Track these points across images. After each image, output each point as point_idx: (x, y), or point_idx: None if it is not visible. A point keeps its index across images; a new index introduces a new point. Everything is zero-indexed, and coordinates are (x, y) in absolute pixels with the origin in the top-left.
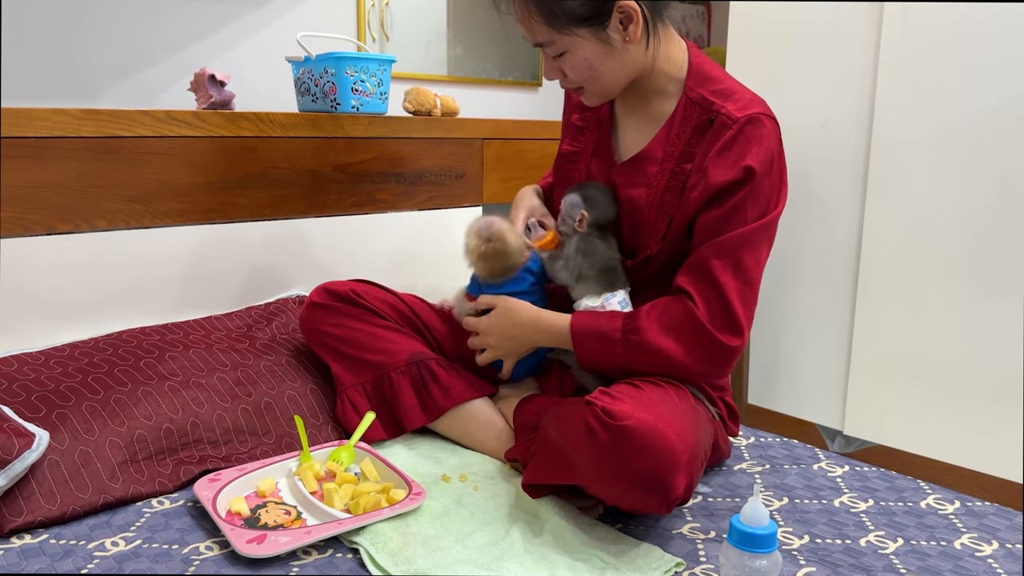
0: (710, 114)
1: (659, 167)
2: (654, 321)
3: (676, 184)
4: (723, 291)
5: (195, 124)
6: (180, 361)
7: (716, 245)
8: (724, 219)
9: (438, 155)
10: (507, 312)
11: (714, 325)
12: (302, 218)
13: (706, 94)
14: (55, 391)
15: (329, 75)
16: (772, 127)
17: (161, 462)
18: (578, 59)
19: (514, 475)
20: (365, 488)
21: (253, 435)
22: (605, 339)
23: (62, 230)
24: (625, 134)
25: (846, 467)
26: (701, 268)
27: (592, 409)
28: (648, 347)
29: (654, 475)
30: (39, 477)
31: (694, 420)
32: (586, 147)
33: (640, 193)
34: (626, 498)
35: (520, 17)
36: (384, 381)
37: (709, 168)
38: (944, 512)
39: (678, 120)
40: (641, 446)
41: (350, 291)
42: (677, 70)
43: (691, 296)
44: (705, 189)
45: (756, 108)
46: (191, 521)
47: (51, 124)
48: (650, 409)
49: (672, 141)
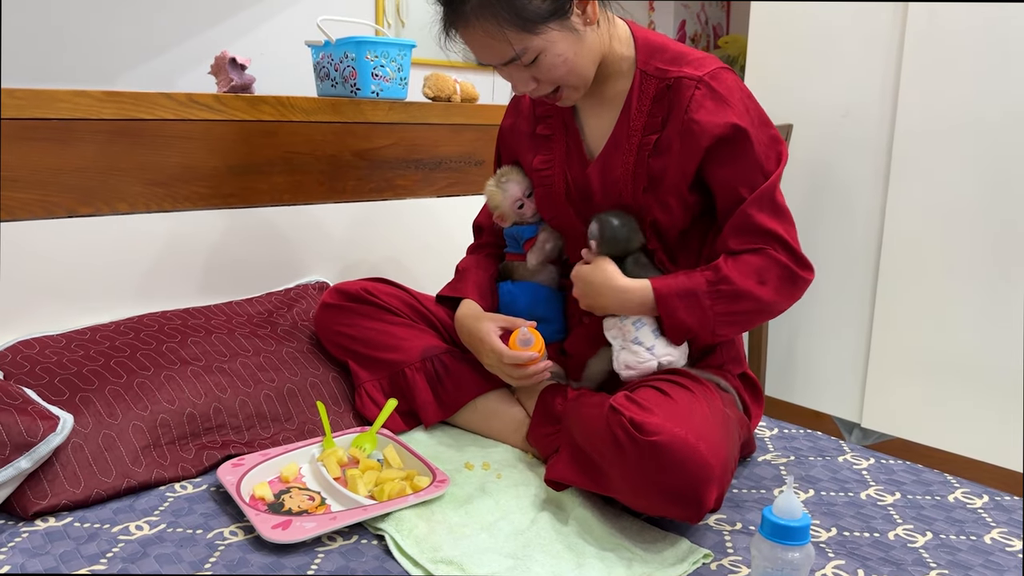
0: (667, 82)
1: (626, 144)
2: (739, 271)
3: (644, 157)
4: (779, 236)
5: (216, 108)
6: (202, 346)
7: (754, 202)
8: (743, 173)
9: (457, 142)
10: (594, 270)
11: (795, 264)
12: (321, 204)
13: (659, 64)
14: (78, 374)
15: (349, 60)
16: (733, 76)
17: (184, 447)
18: (552, 57)
19: (537, 464)
20: (389, 475)
21: (276, 421)
22: (693, 295)
23: (83, 213)
24: (589, 125)
25: (871, 460)
26: (749, 225)
27: (619, 419)
28: (741, 293)
29: (686, 490)
30: (63, 460)
31: (724, 428)
32: (558, 154)
33: (616, 175)
34: (655, 509)
35: (486, 36)
36: (399, 378)
37: (693, 127)
38: (973, 506)
39: (635, 96)
40: (672, 462)
41: (361, 290)
42: (626, 48)
43: (755, 249)
44: (698, 144)
45: (712, 64)
46: (215, 506)
47: (72, 106)
48: (681, 421)
49: (634, 117)
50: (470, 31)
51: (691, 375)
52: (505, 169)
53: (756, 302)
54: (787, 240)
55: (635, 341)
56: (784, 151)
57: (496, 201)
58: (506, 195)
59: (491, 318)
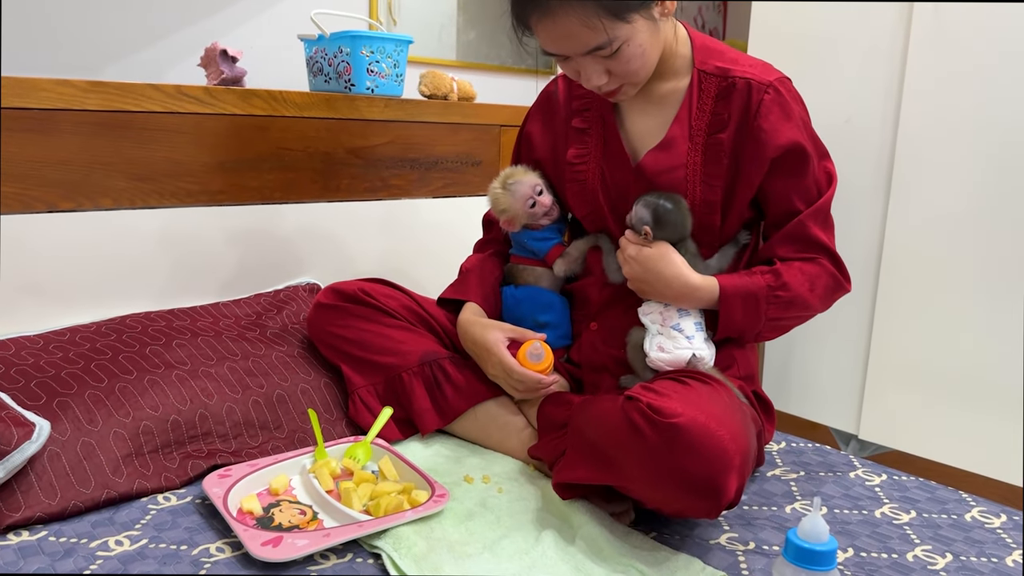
0: (729, 81)
1: (690, 144)
2: (796, 277)
3: (714, 155)
4: (830, 249)
5: (206, 100)
6: (188, 349)
7: (811, 215)
8: (800, 187)
9: (454, 141)
10: (660, 258)
11: (841, 275)
12: (314, 202)
13: (719, 63)
14: (56, 378)
15: (344, 55)
16: (794, 87)
17: (168, 456)
18: (634, 47)
19: (539, 476)
20: (385, 488)
21: (264, 429)
22: (753, 298)
23: (64, 208)
24: (634, 123)
25: (884, 476)
26: (804, 236)
27: (636, 405)
28: (795, 300)
29: (706, 477)
30: (38, 470)
31: (743, 419)
32: (594, 148)
33: (679, 175)
34: (673, 502)
35: (578, 23)
36: (396, 383)
37: (760, 134)
38: (991, 526)
39: (695, 94)
40: (692, 445)
41: (358, 290)
42: (684, 46)
43: (807, 258)
44: (764, 154)
45: (775, 70)
46: (200, 520)
47: (55, 96)
48: (700, 407)
49: (696, 116)
50: (556, 17)
51: (709, 375)
52: (509, 170)
53: (804, 308)
54: (836, 253)
55: (675, 327)
56: (832, 168)
57: (503, 204)
58: (516, 196)
59: (499, 327)
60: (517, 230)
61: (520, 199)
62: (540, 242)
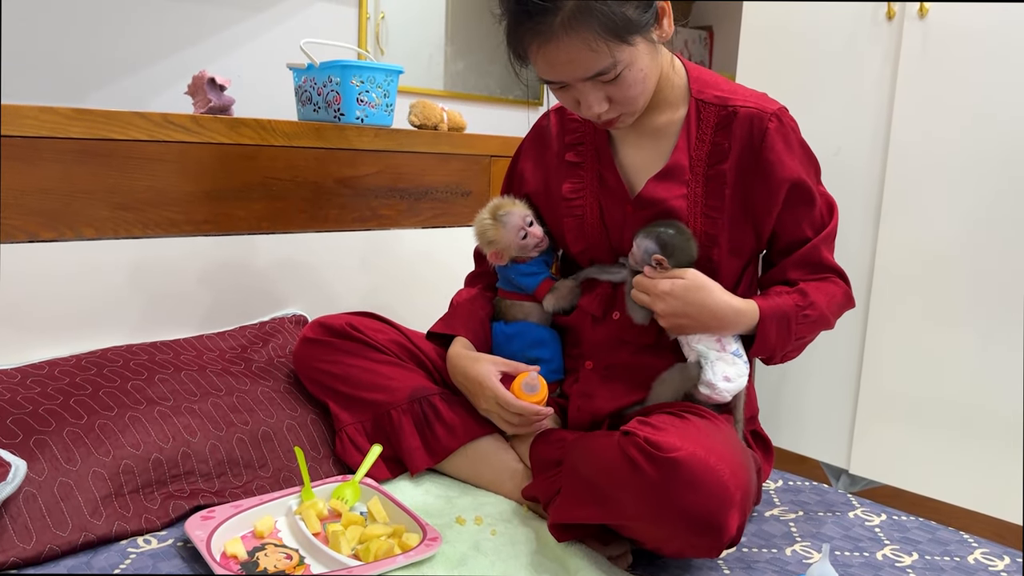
0: (729, 110)
1: (691, 174)
2: (821, 296)
3: (716, 187)
4: (840, 270)
5: (193, 129)
6: (170, 384)
7: (822, 240)
8: (809, 216)
9: (444, 171)
10: (700, 288)
11: (851, 294)
12: (301, 232)
13: (716, 92)
14: (33, 414)
15: (334, 84)
16: (791, 116)
17: (149, 496)
18: (636, 71)
19: (533, 517)
20: (374, 531)
21: (249, 468)
22: (786, 319)
23: (45, 237)
24: (629, 155)
25: (883, 516)
26: (818, 260)
27: (633, 440)
28: (821, 319)
29: (707, 513)
30: (13, 512)
31: (743, 454)
32: (589, 182)
33: (681, 204)
34: (673, 539)
35: (582, 47)
36: (384, 420)
37: (767, 166)
38: (995, 569)
39: (694, 124)
40: (691, 481)
41: (346, 324)
42: (680, 76)
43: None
44: (773, 185)
45: (774, 101)
46: (181, 563)
47: (38, 123)
48: (699, 441)
49: (696, 146)
50: (559, 43)
51: (707, 410)
52: (497, 201)
53: (824, 326)
54: (844, 272)
55: (735, 353)
56: (827, 192)
57: (491, 236)
58: (508, 227)
59: (490, 360)
60: (504, 263)
61: (512, 230)
62: (528, 277)
